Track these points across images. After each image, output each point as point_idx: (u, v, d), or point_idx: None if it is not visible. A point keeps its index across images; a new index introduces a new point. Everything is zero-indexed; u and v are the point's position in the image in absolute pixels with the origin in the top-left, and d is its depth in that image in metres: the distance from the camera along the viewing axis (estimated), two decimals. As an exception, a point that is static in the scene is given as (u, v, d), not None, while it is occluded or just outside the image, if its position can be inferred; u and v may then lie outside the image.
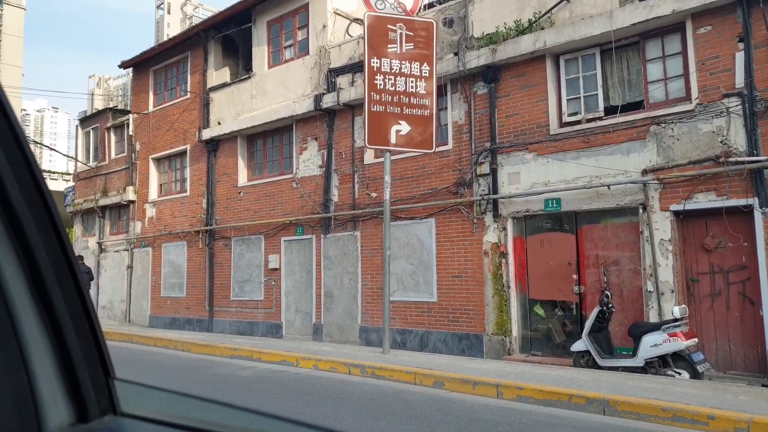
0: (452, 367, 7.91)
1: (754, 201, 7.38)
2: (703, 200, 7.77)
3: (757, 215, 7.36)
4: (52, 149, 23.29)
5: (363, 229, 11.41)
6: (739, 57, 7.55)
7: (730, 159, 7.52)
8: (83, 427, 0.73)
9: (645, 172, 8.22)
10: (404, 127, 9.37)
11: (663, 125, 8.13)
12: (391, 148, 9.40)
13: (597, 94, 8.95)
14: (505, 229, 9.55)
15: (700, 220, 8.01)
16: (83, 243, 19.25)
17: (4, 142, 0.67)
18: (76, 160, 19.97)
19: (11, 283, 0.68)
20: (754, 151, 7.41)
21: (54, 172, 30.51)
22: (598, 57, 8.93)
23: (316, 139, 12.40)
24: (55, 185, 27.19)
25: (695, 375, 7.06)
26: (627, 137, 8.41)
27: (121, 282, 17.34)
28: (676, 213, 8.02)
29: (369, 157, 11.45)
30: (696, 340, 7.34)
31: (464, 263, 9.93)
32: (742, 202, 7.46)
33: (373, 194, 11.19)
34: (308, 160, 12.51)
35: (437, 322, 10.21)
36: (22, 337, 0.68)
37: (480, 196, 9.78)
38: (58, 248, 0.73)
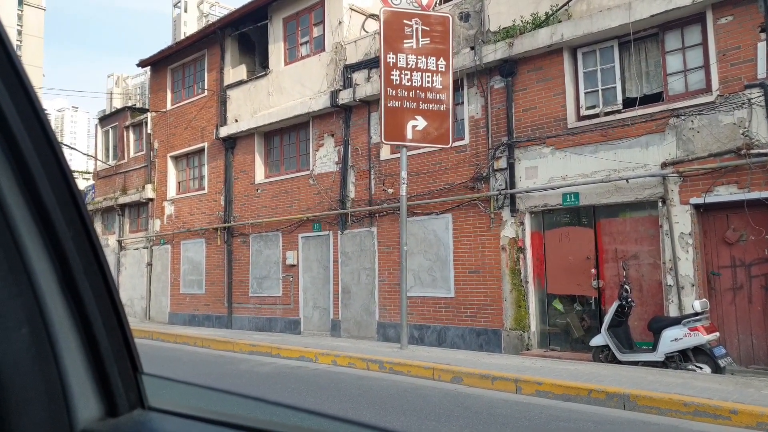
0: (470, 362, 7.91)
1: (776, 193, 7.27)
2: (724, 193, 7.67)
3: (780, 208, 7.25)
4: (72, 148, 23.68)
5: (380, 225, 11.45)
6: (761, 47, 7.42)
7: (752, 151, 7.41)
8: (112, 421, 0.74)
9: (664, 165, 8.13)
10: (420, 123, 9.37)
11: (683, 117, 8.03)
12: (407, 143, 9.40)
13: (615, 87, 8.86)
14: (522, 223, 9.51)
15: (721, 213, 7.90)
16: (103, 241, 19.54)
17: (37, 142, 0.69)
18: (95, 158, 20.29)
19: (42, 280, 0.69)
20: (777, 143, 7.29)
21: (74, 171, 31.09)
22: (617, 49, 8.84)
23: (332, 135, 12.45)
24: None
25: (717, 369, 6.98)
26: (646, 130, 8.33)
27: (141, 279, 17.59)
28: (697, 206, 7.93)
29: (385, 152, 11.47)
30: (717, 334, 7.24)
31: (481, 258, 9.92)
32: (764, 194, 7.35)
33: (390, 190, 11.21)
34: (325, 157, 12.57)
35: (455, 317, 10.21)
36: (53, 332, 0.69)
37: (497, 191, 9.75)
38: (88, 245, 0.74)
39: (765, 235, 7.53)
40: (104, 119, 20.46)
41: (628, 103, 8.68)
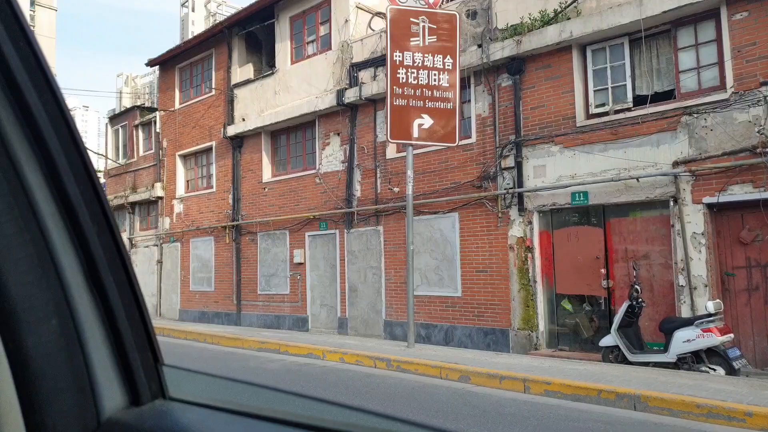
0: (478, 361, 7.86)
1: (792, 193, 7.10)
2: (739, 192, 7.51)
3: (796, 208, 7.08)
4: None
5: (386, 223, 11.39)
6: (777, 43, 7.24)
7: (768, 149, 7.24)
8: (136, 410, 0.76)
9: (676, 164, 7.98)
10: (427, 121, 9.29)
11: (695, 115, 7.87)
12: (413, 142, 9.33)
13: (625, 85, 8.71)
14: (530, 223, 9.41)
15: (735, 213, 7.74)
16: (114, 238, 19.68)
17: (63, 142, 0.72)
18: (106, 157, 20.42)
19: (69, 273, 0.72)
20: (793, 141, 7.12)
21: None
22: (627, 46, 8.69)
23: (338, 134, 12.40)
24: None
25: (731, 371, 6.85)
26: (657, 128, 8.17)
27: (152, 277, 17.70)
28: (710, 206, 7.78)
29: (391, 151, 11.40)
30: (732, 335, 7.10)
31: (489, 258, 9.83)
32: (781, 193, 7.19)
33: (396, 189, 11.14)
34: (331, 156, 12.53)
35: (462, 316, 10.14)
36: (80, 324, 0.72)
37: (504, 189, 9.64)
38: (111, 240, 0.76)
39: (780, 235, 7.37)
40: (114, 118, 20.59)
41: (639, 101, 8.53)
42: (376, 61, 11.51)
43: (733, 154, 7.55)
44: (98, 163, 22.68)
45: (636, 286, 7.77)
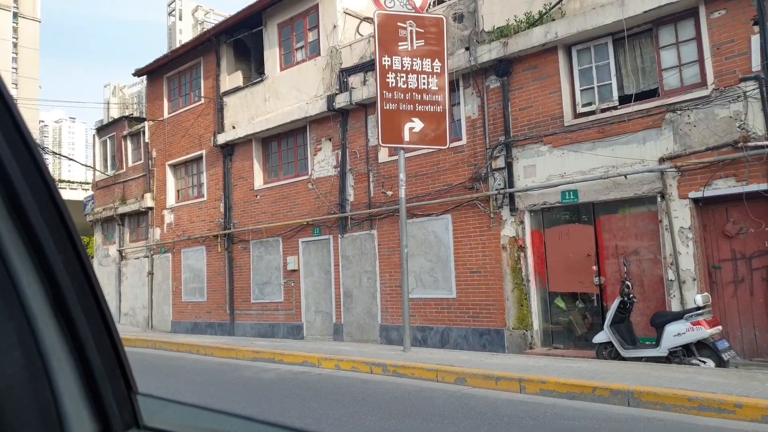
0: (474, 363, 7.89)
1: (775, 185, 7.28)
2: (723, 186, 7.68)
3: (779, 200, 7.25)
4: (70, 159, 23.61)
5: (379, 227, 11.45)
6: (755, 40, 7.44)
7: (749, 144, 7.42)
8: None
9: (662, 160, 8.14)
10: (417, 124, 9.38)
11: (679, 112, 8.05)
12: (404, 145, 9.42)
13: (611, 84, 8.88)
14: (522, 222, 9.52)
15: (720, 207, 7.91)
16: (104, 251, 19.56)
17: (24, 166, 0.70)
18: (94, 169, 20.29)
19: (34, 303, 0.70)
20: (774, 135, 7.30)
21: (73, 182, 30.99)
22: (611, 46, 8.86)
23: (330, 139, 12.47)
24: (74, 195, 27.65)
25: (720, 363, 6.98)
26: (642, 126, 8.34)
27: (143, 288, 17.58)
28: (696, 200, 7.94)
29: (383, 155, 11.49)
30: (720, 327, 7.24)
31: (482, 258, 9.92)
32: (762, 186, 7.36)
33: (389, 192, 11.21)
34: (323, 161, 12.58)
35: (457, 318, 10.21)
36: (46, 354, 0.70)
37: (496, 190, 9.76)
38: (78, 267, 0.75)
39: (765, 227, 7.53)
40: (102, 129, 20.48)
41: (624, 99, 8.70)
42: (366, 66, 11.61)
43: (716, 149, 7.72)
44: (86, 175, 22.53)
45: (627, 282, 7.89)
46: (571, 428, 5.07)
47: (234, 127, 14.49)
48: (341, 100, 11.86)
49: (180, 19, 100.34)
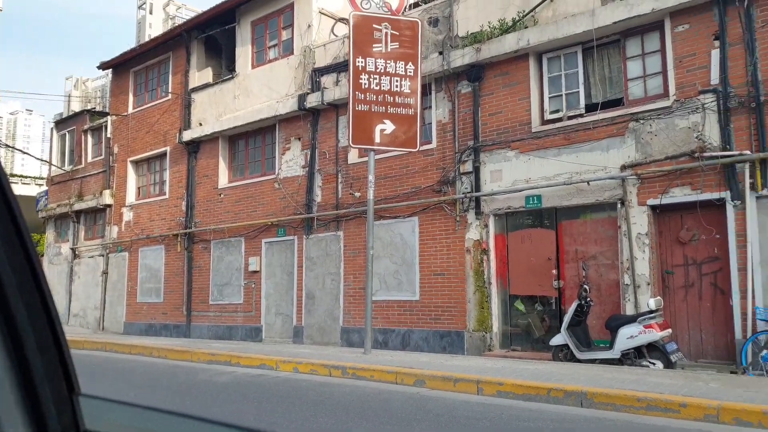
0: (433, 365, 7.83)
1: (726, 194, 7.57)
2: (679, 194, 7.93)
3: (729, 208, 7.54)
4: (24, 153, 22.68)
5: (346, 229, 11.34)
6: (715, 54, 7.78)
7: (705, 154, 7.71)
8: None
9: (624, 167, 8.36)
10: (389, 126, 9.39)
11: (641, 121, 8.30)
12: (375, 147, 9.40)
13: (578, 92, 9.12)
14: (487, 226, 9.58)
15: (675, 214, 8.16)
16: (56, 249, 18.76)
17: None
18: (50, 163, 19.56)
19: None
20: (727, 146, 7.62)
21: (26, 177, 29.73)
22: (580, 55, 9.12)
23: (299, 139, 12.36)
24: (27, 190, 26.50)
25: (669, 365, 7.18)
26: (607, 134, 8.56)
27: (95, 288, 16.89)
28: (653, 207, 8.16)
29: (353, 156, 11.44)
30: (670, 330, 7.46)
31: (447, 261, 9.91)
32: (715, 195, 7.64)
33: (357, 194, 11.14)
34: (291, 161, 12.44)
35: (419, 320, 10.13)
36: None
37: (463, 194, 9.81)
38: (23, 260, 0.70)
39: (716, 234, 7.79)
40: (61, 123, 19.83)
41: (591, 107, 8.93)
42: (339, 67, 11.61)
43: (674, 158, 7.99)
44: (41, 170, 21.69)
45: (585, 286, 8.02)
46: (525, 429, 5.08)
47: (201, 124, 14.23)
48: (313, 100, 11.80)
49: (150, 13, 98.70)
